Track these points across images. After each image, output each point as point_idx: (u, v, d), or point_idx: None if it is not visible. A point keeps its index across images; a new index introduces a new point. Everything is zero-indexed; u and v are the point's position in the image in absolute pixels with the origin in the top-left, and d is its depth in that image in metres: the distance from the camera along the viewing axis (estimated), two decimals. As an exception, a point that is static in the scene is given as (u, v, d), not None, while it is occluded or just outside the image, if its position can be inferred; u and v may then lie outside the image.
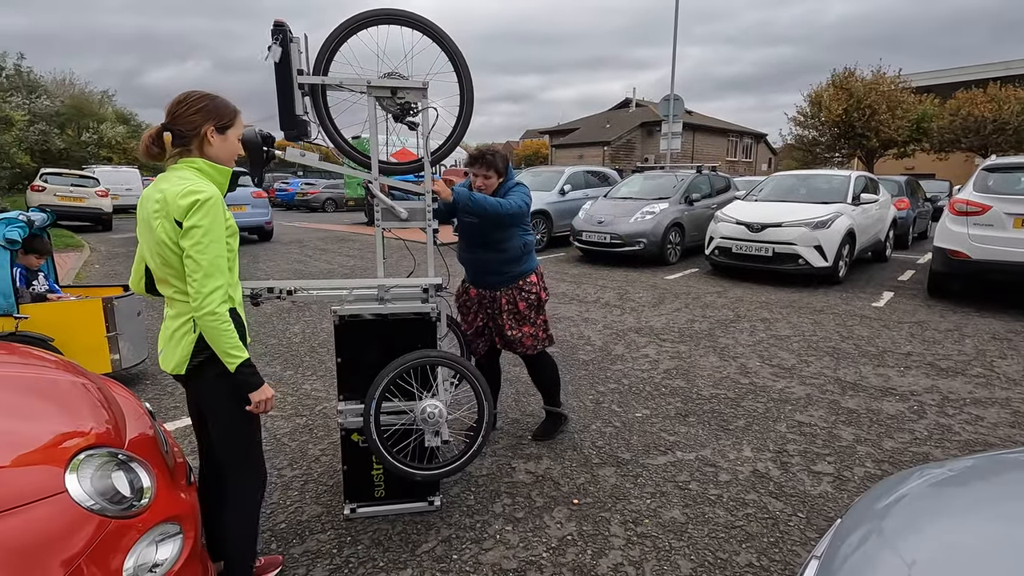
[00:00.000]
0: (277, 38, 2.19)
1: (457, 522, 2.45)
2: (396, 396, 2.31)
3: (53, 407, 1.62)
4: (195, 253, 1.60)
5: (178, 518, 1.54)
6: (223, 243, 1.65)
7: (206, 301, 1.61)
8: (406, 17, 2.38)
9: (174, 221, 1.60)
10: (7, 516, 1.19)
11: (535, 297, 2.98)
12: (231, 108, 1.75)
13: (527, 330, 2.98)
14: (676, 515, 2.52)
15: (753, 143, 40.00)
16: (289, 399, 3.78)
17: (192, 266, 1.61)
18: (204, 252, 1.60)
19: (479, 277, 3.01)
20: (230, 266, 1.72)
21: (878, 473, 2.87)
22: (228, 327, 1.66)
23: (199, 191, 1.60)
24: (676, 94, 14.40)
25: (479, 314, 3.05)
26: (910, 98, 22.23)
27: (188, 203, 1.58)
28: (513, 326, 2.96)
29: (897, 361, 4.59)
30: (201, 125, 1.68)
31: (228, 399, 1.76)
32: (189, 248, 1.60)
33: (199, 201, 1.59)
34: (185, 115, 1.67)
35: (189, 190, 1.60)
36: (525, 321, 2.97)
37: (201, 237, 1.59)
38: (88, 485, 1.34)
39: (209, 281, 1.61)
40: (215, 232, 1.62)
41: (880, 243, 9.23)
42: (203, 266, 1.60)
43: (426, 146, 2.42)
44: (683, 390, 3.95)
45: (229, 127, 1.74)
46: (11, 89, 24.92)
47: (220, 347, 1.66)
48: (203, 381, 1.75)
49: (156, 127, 1.72)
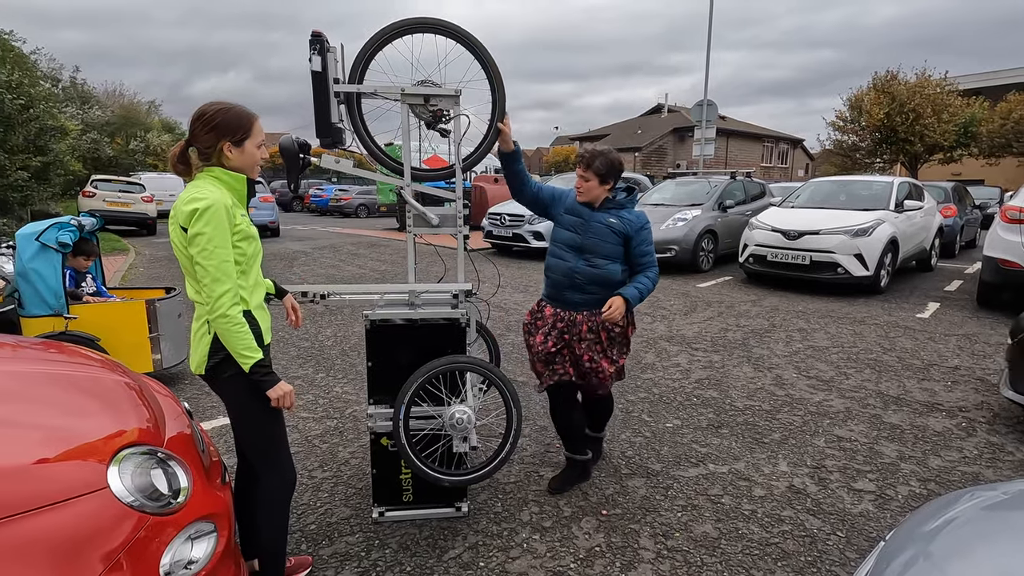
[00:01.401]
0: (315, 48, 2.24)
1: (484, 529, 2.44)
2: (425, 401, 2.32)
3: (98, 405, 1.68)
4: (201, 259, 1.66)
5: (213, 516, 1.57)
6: (228, 248, 1.69)
7: (216, 304, 1.68)
8: (440, 26, 2.40)
9: (180, 227, 1.68)
10: (53, 510, 1.24)
11: (620, 330, 2.61)
12: (245, 120, 1.77)
13: (606, 365, 2.59)
14: (708, 529, 2.45)
15: (789, 148, 39.08)
16: (320, 401, 3.84)
17: (200, 272, 1.67)
18: (210, 258, 1.66)
19: (560, 292, 2.61)
20: (243, 269, 1.77)
21: (924, 493, 2.74)
22: (240, 328, 1.71)
23: (200, 198, 1.65)
24: (710, 99, 14.19)
25: (551, 337, 2.61)
26: (957, 101, 21.36)
27: (189, 211, 1.65)
28: (594, 358, 2.58)
29: (944, 375, 4.39)
30: (217, 142, 1.74)
31: (246, 398, 1.82)
32: (196, 255, 1.66)
33: (198, 209, 1.64)
34: (200, 134, 1.74)
35: (192, 197, 1.66)
36: (605, 355, 2.60)
37: (205, 243, 1.65)
38: (129, 481, 1.38)
39: (217, 285, 1.67)
40: (219, 238, 1.66)
41: (925, 252, 8.88)
42: (210, 271, 1.66)
43: (457, 152, 2.43)
44: (715, 401, 3.86)
45: (246, 138, 1.77)
46: (67, 100, 26.28)
47: (233, 348, 1.72)
48: (221, 380, 1.81)
49: (181, 144, 1.80)
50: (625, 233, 2.55)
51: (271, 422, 1.89)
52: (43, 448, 1.38)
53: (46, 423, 1.50)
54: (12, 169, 11.98)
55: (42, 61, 23.32)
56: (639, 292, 2.55)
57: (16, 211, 12.35)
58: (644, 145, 32.89)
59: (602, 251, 2.54)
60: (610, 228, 2.56)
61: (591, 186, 2.53)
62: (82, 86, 29.44)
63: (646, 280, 2.59)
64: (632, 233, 2.57)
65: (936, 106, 20.89)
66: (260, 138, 1.81)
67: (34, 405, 1.58)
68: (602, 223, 2.55)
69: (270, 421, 1.89)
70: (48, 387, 1.71)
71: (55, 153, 14.33)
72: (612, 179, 2.55)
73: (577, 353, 2.59)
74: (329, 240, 13.98)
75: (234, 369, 1.78)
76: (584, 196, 2.57)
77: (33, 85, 13.72)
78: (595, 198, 2.57)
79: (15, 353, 2.03)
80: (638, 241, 2.58)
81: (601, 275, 2.55)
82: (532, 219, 10.26)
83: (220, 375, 1.80)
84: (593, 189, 2.54)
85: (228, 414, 1.98)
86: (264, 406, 1.82)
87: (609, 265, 2.55)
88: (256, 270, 1.85)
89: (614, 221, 2.55)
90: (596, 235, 2.55)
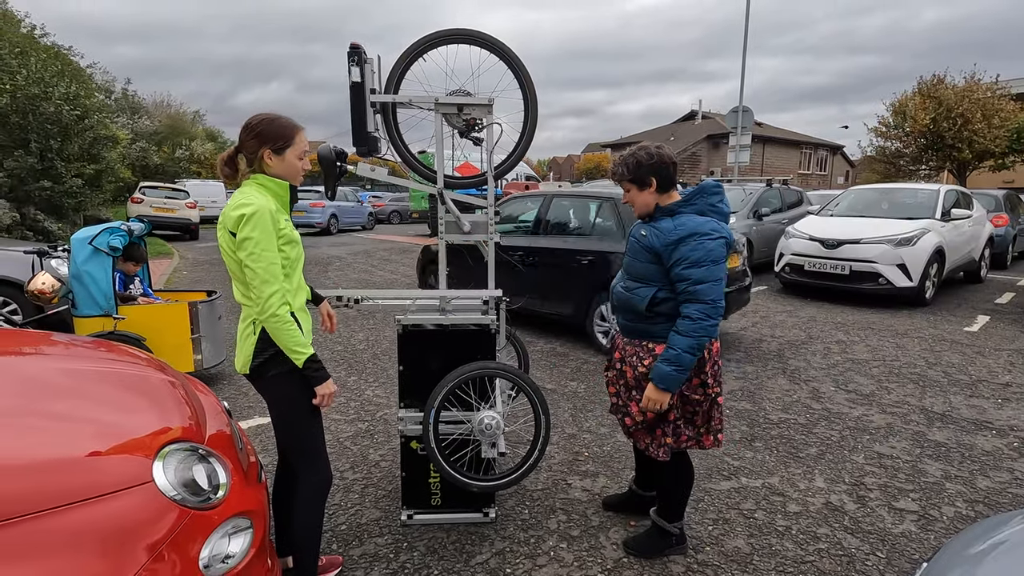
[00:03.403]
0: (353, 60, 2.31)
1: (511, 535, 2.44)
2: (455, 406, 2.34)
3: (145, 401, 1.76)
4: (250, 262, 1.73)
5: (249, 513, 1.62)
6: (275, 251, 1.76)
7: (267, 305, 1.75)
8: (474, 36, 2.45)
9: (228, 232, 1.76)
10: (103, 501, 1.30)
11: (647, 372, 2.11)
12: (288, 129, 1.84)
13: (633, 409, 2.17)
14: (740, 544, 2.40)
15: (828, 155, 38.01)
16: (352, 404, 3.91)
17: (250, 274, 1.75)
18: (258, 260, 1.73)
19: (613, 311, 2.33)
20: (287, 273, 1.83)
21: (971, 515, 2.62)
22: (290, 327, 1.79)
23: (247, 204, 1.73)
24: (745, 105, 13.95)
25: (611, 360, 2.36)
26: (1009, 106, 20.43)
27: (237, 216, 1.73)
28: (619, 392, 2.25)
29: (994, 392, 4.19)
30: (258, 149, 1.82)
31: (288, 398, 1.89)
32: (245, 258, 1.74)
33: (245, 215, 1.72)
34: (246, 141, 1.84)
35: (239, 203, 1.75)
36: (631, 397, 2.19)
37: (253, 248, 1.72)
38: (172, 476, 1.44)
39: (266, 287, 1.74)
40: (265, 241, 1.74)
41: (973, 262, 8.51)
42: (259, 273, 1.74)
43: (490, 161, 2.46)
44: (749, 413, 3.77)
45: (286, 148, 1.84)
46: (118, 111, 27.62)
47: (286, 345, 1.80)
48: (265, 380, 1.88)
49: (230, 150, 1.90)
50: (653, 247, 2.07)
51: (310, 422, 1.95)
52: (94, 442, 1.45)
53: (97, 418, 1.58)
54: (68, 176, 12.63)
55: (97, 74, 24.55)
56: (668, 363, 1.99)
57: (70, 216, 13.00)
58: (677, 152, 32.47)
59: (633, 271, 2.18)
60: (639, 242, 2.16)
61: (632, 196, 2.17)
62: (132, 97, 30.89)
63: (684, 329, 1.97)
64: (661, 247, 2.04)
65: (986, 111, 20.02)
66: (302, 148, 1.88)
67: (86, 401, 1.67)
68: (635, 236, 2.21)
69: (309, 421, 1.95)
70: (99, 384, 1.80)
71: (107, 161, 15.06)
72: (653, 178, 2.09)
73: (607, 379, 2.37)
74: (363, 246, 14.26)
75: (278, 369, 1.85)
76: (636, 210, 2.20)
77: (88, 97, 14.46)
78: (645, 207, 2.15)
79: (68, 351, 2.14)
80: (671, 259, 2.01)
81: (627, 300, 2.17)
82: (562, 226, 10.23)
83: (264, 374, 1.87)
84: (636, 198, 2.15)
85: (269, 413, 2.05)
86: (306, 405, 1.89)
87: (639, 289, 2.13)
88: (299, 274, 1.91)
89: (644, 233, 2.14)
90: (631, 252, 2.23)
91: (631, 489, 2.63)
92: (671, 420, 2.13)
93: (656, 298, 2.09)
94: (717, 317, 1.98)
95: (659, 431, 2.16)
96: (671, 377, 2.00)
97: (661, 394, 2.03)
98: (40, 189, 12.00)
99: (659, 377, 2.01)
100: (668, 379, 2.00)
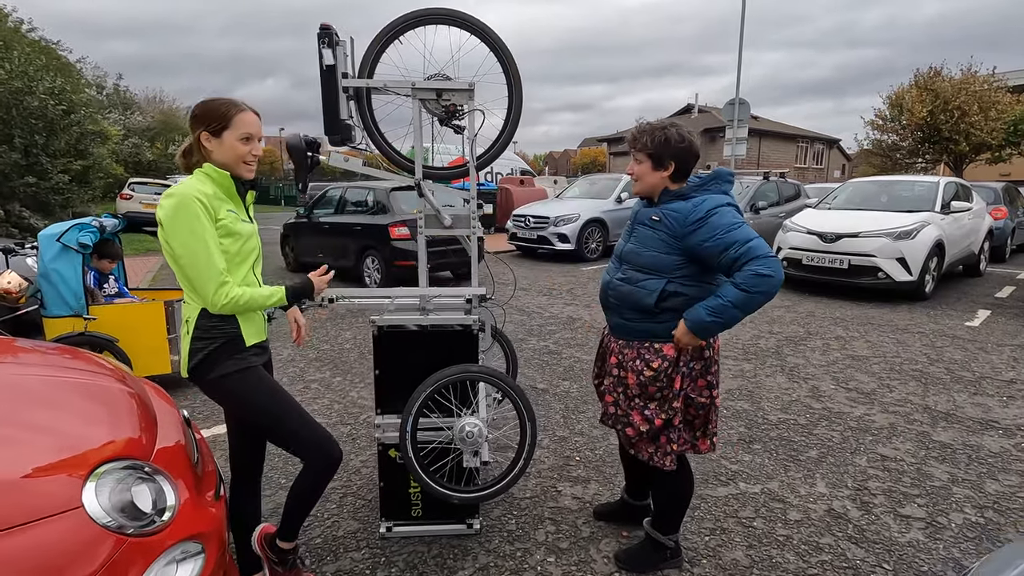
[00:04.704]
0: (324, 41, 2.15)
1: (496, 549, 2.30)
2: (435, 412, 2.20)
3: (90, 414, 1.60)
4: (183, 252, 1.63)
5: (201, 536, 1.47)
6: (208, 239, 1.63)
7: (215, 298, 1.64)
8: (454, 16, 2.28)
9: (159, 223, 1.65)
10: (19, 532, 1.15)
11: (655, 376, 1.93)
12: (224, 108, 1.70)
13: (636, 419, 1.99)
14: (739, 556, 2.26)
15: (825, 149, 37.89)
16: (335, 407, 3.76)
17: (188, 270, 1.65)
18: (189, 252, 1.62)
19: (604, 309, 2.14)
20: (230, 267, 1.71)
21: (980, 521, 2.49)
22: (250, 297, 1.70)
23: (171, 193, 1.64)
24: (741, 98, 13.79)
25: (596, 363, 2.28)
26: (1005, 98, 20.32)
27: (166, 206, 1.62)
28: (618, 401, 2.05)
29: (998, 389, 4.06)
30: (195, 132, 1.71)
31: (239, 394, 1.77)
32: (176, 250, 1.63)
33: (168, 205, 1.61)
34: (191, 129, 1.73)
35: (167, 193, 1.65)
36: (633, 405, 2.00)
37: (183, 239, 1.61)
38: (106, 500, 1.29)
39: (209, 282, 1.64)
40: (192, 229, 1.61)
41: (973, 256, 8.39)
42: (196, 265, 1.63)
43: (472, 150, 2.30)
44: (747, 413, 3.64)
45: (223, 129, 1.70)
46: (110, 107, 27.30)
47: (262, 306, 1.75)
48: (207, 383, 1.75)
49: (188, 141, 1.78)
50: (671, 231, 1.87)
51: (278, 403, 1.81)
52: (23, 461, 1.30)
53: (31, 434, 1.42)
54: (54, 172, 12.42)
55: (87, 70, 24.24)
56: (709, 312, 1.80)
57: (57, 213, 12.79)
58: (673, 146, 32.24)
59: (640, 260, 1.94)
60: (651, 227, 1.93)
61: (643, 171, 1.92)
62: (125, 93, 30.54)
63: (729, 292, 1.78)
64: (682, 229, 1.84)
65: (983, 103, 19.91)
66: (244, 131, 1.71)
67: (23, 413, 1.51)
68: (644, 221, 1.97)
69: (276, 403, 1.81)
70: (40, 395, 1.64)
71: (95, 157, 14.83)
72: (673, 162, 1.89)
73: (601, 389, 2.19)
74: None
75: (217, 372, 1.72)
76: (637, 186, 1.98)
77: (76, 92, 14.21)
78: (650, 188, 1.95)
79: (16, 357, 1.99)
80: (701, 237, 1.81)
81: (629, 294, 1.95)
82: (557, 221, 10.11)
83: (204, 376, 1.74)
84: (646, 175, 1.92)
85: (227, 419, 1.92)
86: (263, 393, 1.77)
87: (647, 281, 1.91)
88: (245, 270, 1.76)
89: (656, 218, 1.91)
90: (637, 239, 1.98)
91: (623, 498, 2.49)
92: (676, 425, 1.97)
93: (666, 291, 1.89)
94: (780, 273, 1.76)
95: (664, 438, 1.98)
96: (708, 329, 1.84)
97: (694, 338, 1.87)
98: (25, 185, 11.79)
99: (698, 326, 1.83)
100: (705, 330, 1.84)
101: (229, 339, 1.73)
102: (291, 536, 1.96)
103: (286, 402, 1.83)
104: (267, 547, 1.97)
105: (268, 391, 1.80)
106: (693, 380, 1.97)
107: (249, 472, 2.03)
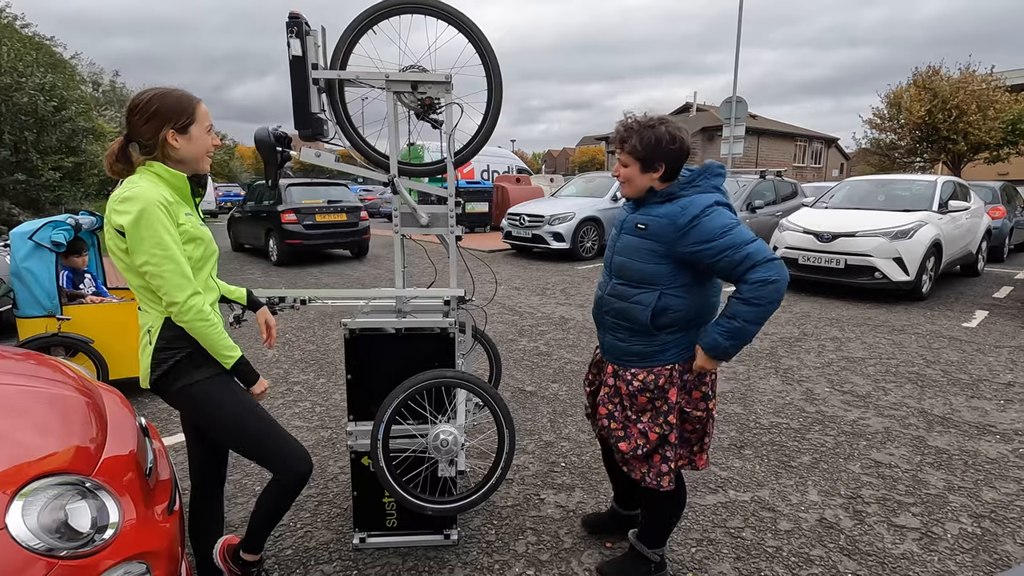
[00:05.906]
0: (292, 31, 2.05)
1: (474, 561, 2.21)
2: (408, 419, 2.10)
3: (29, 425, 1.50)
4: (152, 269, 1.52)
5: (147, 555, 1.38)
6: (175, 247, 1.53)
7: (185, 308, 1.54)
8: (429, 6, 2.19)
9: (116, 232, 1.52)
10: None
11: (643, 385, 1.82)
12: (186, 102, 1.60)
13: (632, 432, 1.86)
14: (726, 570, 2.17)
15: (823, 148, 37.82)
16: (317, 410, 3.66)
17: (157, 283, 1.53)
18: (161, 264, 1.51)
19: (597, 327, 2.02)
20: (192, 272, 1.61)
21: (977, 532, 2.40)
22: (216, 328, 1.61)
23: (129, 198, 1.49)
24: (739, 96, 13.70)
25: (590, 372, 2.15)
26: (1004, 97, 20.25)
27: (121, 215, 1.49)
28: (612, 414, 1.92)
29: (996, 392, 3.98)
30: (158, 132, 1.56)
31: (207, 405, 1.68)
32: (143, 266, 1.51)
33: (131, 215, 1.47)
34: (139, 126, 1.57)
35: (123, 196, 1.50)
36: (628, 419, 1.88)
37: (151, 250, 1.49)
38: (34, 520, 1.19)
39: (180, 292, 1.54)
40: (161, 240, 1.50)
41: (971, 256, 8.31)
42: (168, 279, 1.52)
43: (450, 146, 2.21)
44: (739, 417, 3.55)
45: (190, 124, 1.60)
46: (106, 104, 27.10)
47: (213, 347, 1.62)
48: (172, 394, 1.65)
49: (119, 141, 1.63)
50: (659, 239, 1.74)
51: (248, 415, 1.72)
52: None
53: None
54: (44, 169, 12.29)
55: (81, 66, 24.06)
56: (726, 335, 1.68)
57: (48, 210, 12.66)
58: (671, 145, 32.12)
59: (630, 271, 1.80)
60: (639, 234, 1.79)
61: (631, 174, 1.78)
62: (121, 89, 30.28)
63: (740, 311, 1.65)
64: (672, 234, 1.71)
65: (981, 102, 19.85)
66: (207, 121, 1.63)
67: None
68: (629, 231, 1.84)
69: (247, 414, 1.71)
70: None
71: (88, 154, 14.69)
72: (663, 164, 1.75)
73: (596, 400, 2.05)
74: (349, 240, 13.93)
75: (184, 380, 1.63)
76: (626, 188, 1.83)
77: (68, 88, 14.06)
78: (640, 191, 1.81)
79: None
80: (692, 240, 1.68)
81: (624, 311, 1.82)
82: (552, 219, 10.01)
83: (169, 388, 1.63)
84: (635, 178, 1.78)
85: (183, 426, 1.84)
86: (234, 403, 1.68)
87: (640, 295, 1.78)
88: (205, 275, 1.67)
89: (642, 226, 1.78)
90: (625, 248, 1.83)
91: (613, 508, 2.38)
92: (672, 442, 1.85)
93: (659, 305, 1.76)
94: (786, 275, 1.65)
95: (657, 456, 1.86)
96: (728, 352, 1.72)
97: (717, 363, 1.78)
98: (15, 182, 11.67)
99: (718, 352, 1.72)
100: (726, 353, 1.72)
101: (196, 349, 1.64)
102: (256, 548, 1.88)
103: (254, 413, 1.74)
104: (230, 560, 1.88)
105: (235, 401, 1.71)
106: (688, 392, 1.86)
107: (210, 480, 1.93)
